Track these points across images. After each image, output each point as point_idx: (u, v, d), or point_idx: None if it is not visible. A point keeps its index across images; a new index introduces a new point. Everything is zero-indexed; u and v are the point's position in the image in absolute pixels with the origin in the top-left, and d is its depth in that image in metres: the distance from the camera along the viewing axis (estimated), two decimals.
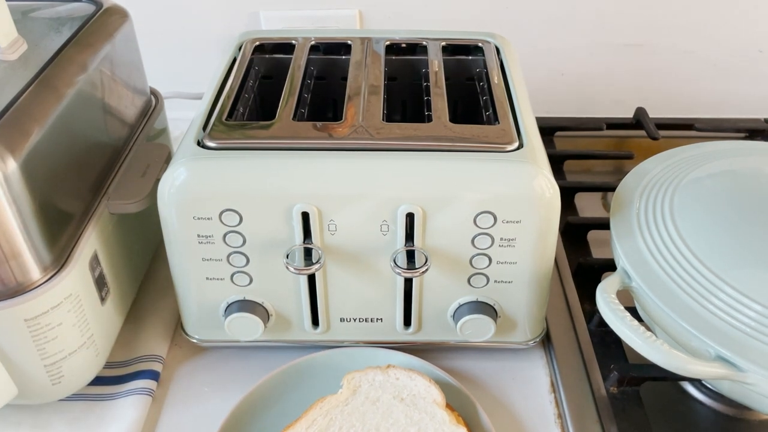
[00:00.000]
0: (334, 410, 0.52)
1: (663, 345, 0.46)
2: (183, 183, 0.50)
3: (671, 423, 0.55)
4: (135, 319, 0.63)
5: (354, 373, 0.54)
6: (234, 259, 0.54)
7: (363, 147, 0.52)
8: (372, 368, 0.55)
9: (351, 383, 0.54)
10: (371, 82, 0.60)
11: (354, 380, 0.54)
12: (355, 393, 0.53)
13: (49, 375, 0.51)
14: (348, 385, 0.53)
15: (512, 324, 0.57)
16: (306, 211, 0.51)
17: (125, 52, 0.63)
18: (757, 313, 0.46)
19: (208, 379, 0.59)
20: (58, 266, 0.50)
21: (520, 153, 0.52)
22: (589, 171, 0.85)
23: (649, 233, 0.54)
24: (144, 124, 0.67)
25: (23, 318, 0.48)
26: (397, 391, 0.53)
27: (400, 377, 0.54)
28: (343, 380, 0.54)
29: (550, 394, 0.58)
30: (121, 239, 0.59)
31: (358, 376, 0.54)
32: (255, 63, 0.66)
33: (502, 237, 0.52)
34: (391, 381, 0.54)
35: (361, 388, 0.53)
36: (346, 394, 0.53)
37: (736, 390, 0.50)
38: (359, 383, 0.54)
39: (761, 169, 0.60)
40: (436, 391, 0.53)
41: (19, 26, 0.56)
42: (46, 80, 0.51)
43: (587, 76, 0.93)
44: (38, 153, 0.47)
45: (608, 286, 0.51)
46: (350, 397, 0.53)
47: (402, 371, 0.54)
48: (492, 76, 0.62)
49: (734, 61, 0.91)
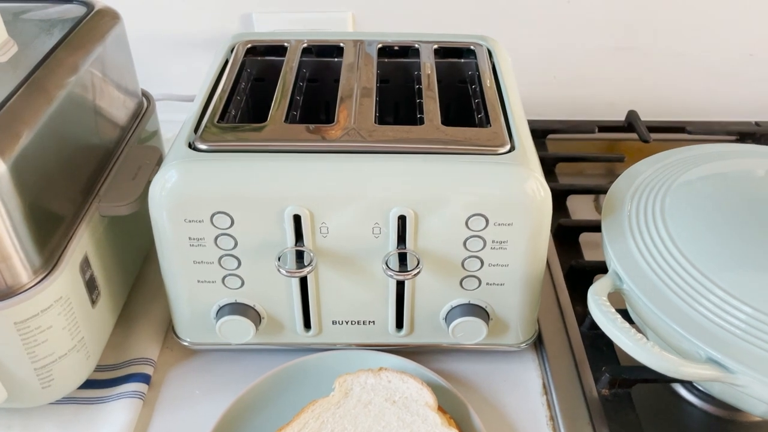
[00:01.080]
0: (325, 413, 0.52)
1: (654, 347, 0.46)
2: (174, 185, 0.50)
3: (662, 425, 0.55)
4: (126, 322, 0.63)
5: (346, 376, 0.54)
6: (225, 261, 0.53)
7: (355, 149, 0.52)
8: (364, 371, 0.55)
9: (343, 386, 0.53)
10: (363, 84, 0.60)
11: (346, 383, 0.54)
12: (347, 396, 0.53)
13: (39, 378, 0.51)
14: (340, 388, 0.53)
15: (504, 326, 0.58)
16: (298, 213, 0.51)
17: (116, 54, 0.63)
18: (748, 315, 0.46)
19: (200, 382, 0.59)
20: (49, 269, 0.49)
21: (512, 156, 0.52)
22: (581, 173, 0.85)
23: (640, 236, 0.54)
24: (135, 127, 0.66)
25: (13, 321, 0.47)
26: (389, 393, 0.53)
27: (392, 380, 0.54)
28: (335, 383, 0.54)
29: (542, 396, 0.58)
30: (112, 242, 0.58)
31: (350, 378, 0.54)
32: (247, 65, 0.66)
33: (493, 239, 0.52)
34: (383, 384, 0.54)
35: (353, 391, 0.53)
36: (338, 396, 0.53)
37: (726, 392, 0.50)
38: (351, 386, 0.53)
39: (752, 172, 0.61)
40: (428, 394, 0.53)
41: (10, 28, 0.56)
42: (37, 82, 0.50)
43: (579, 79, 0.93)
44: (28, 155, 0.47)
45: (599, 288, 0.51)
46: (342, 399, 0.53)
47: (394, 374, 0.54)
48: (484, 79, 0.63)
49: (725, 64, 0.92)
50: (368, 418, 0.51)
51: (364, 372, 0.55)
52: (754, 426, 0.55)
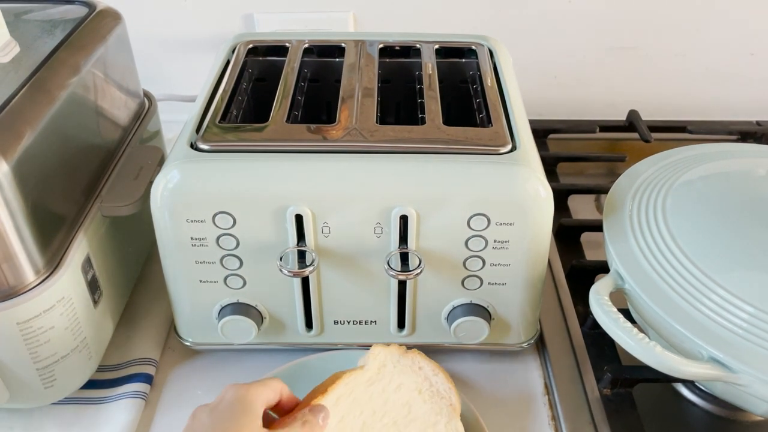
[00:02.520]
0: (358, 388, 0.49)
1: (656, 347, 0.46)
2: (176, 185, 0.50)
3: (664, 424, 0.55)
4: (128, 322, 0.63)
5: (379, 348, 0.52)
6: (227, 261, 0.53)
7: (356, 149, 0.52)
8: (396, 347, 0.52)
9: (377, 359, 0.51)
10: (365, 84, 0.60)
11: (379, 357, 0.51)
12: (380, 373, 0.50)
13: (41, 378, 0.51)
14: (374, 361, 0.51)
15: (506, 326, 0.58)
16: (299, 213, 0.51)
17: (118, 54, 0.63)
18: (749, 314, 0.46)
19: (202, 382, 0.59)
20: (51, 269, 0.49)
21: (514, 155, 0.52)
22: (582, 173, 0.85)
23: (641, 235, 0.54)
24: (137, 127, 0.67)
25: (15, 321, 0.47)
26: (419, 382, 0.51)
27: (423, 367, 0.52)
28: (368, 356, 0.51)
29: (543, 395, 0.58)
30: (114, 242, 0.59)
31: (383, 353, 0.52)
32: (248, 65, 0.66)
33: (495, 239, 0.52)
34: (414, 369, 0.52)
35: (386, 368, 0.51)
36: (371, 371, 0.50)
37: (728, 391, 0.50)
38: (384, 362, 0.51)
39: (753, 172, 0.61)
40: (454, 394, 0.51)
41: (12, 28, 0.56)
42: (39, 83, 0.51)
43: (580, 79, 0.93)
44: (30, 155, 0.47)
45: (601, 288, 0.51)
46: (375, 376, 0.50)
47: (425, 362, 0.52)
48: (485, 79, 0.63)
49: (726, 64, 0.92)
50: (396, 406, 0.49)
51: (397, 348, 0.52)
52: (756, 425, 0.55)
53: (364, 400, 0.49)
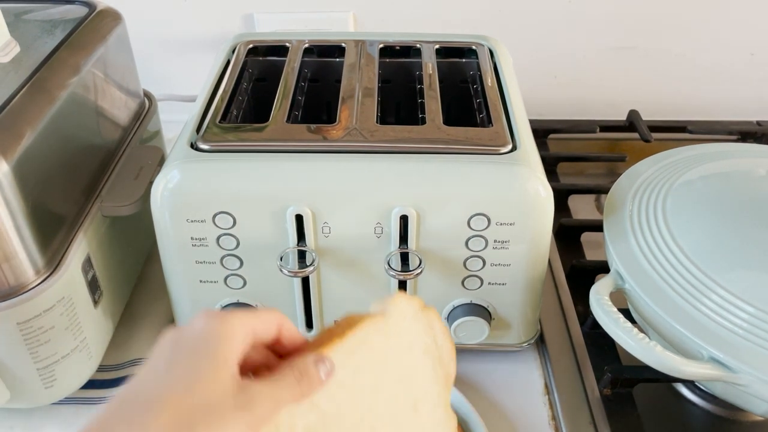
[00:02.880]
0: (374, 336, 0.42)
1: (656, 347, 0.46)
2: (176, 185, 0.50)
3: (664, 424, 0.55)
4: (128, 322, 0.63)
5: (402, 296, 0.45)
6: (227, 261, 0.53)
7: (357, 149, 0.52)
8: (419, 300, 0.45)
9: (399, 310, 0.44)
10: (365, 84, 0.60)
11: (401, 307, 0.44)
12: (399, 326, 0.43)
13: (41, 378, 0.51)
14: (396, 311, 0.43)
15: (506, 326, 0.58)
16: (300, 213, 0.51)
17: (118, 54, 0.63)
18: (750, 314, 0.46)
19: None
20: (51, 269, 0.49)
21: (514, 155, 0.52)
22: (582, 173, 0.85)
23: (642, 235, 0.54)
24: (137, 127, 0.67)
25: (16, 321, 0.47)
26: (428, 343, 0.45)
27: (434, 327, 0.46)
28: (390, 304, 0.44)
29: (543, 395, 0.58)
30: (114, 242, 0.59)
31: (405, 303, 0.44)
32: (249, 65, 0.66)
33: (495, 239, 0.52)
34: (426, 329, 0.45)
35: (405, 322, 0.44)
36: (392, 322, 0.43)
37: (729, 391, 0.50)
38: (404, 314, 0.44)
39: (753, 172, 0.61)
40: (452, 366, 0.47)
41: (12, 28, 0.56)
42: (39, 83, 0.51)
43: (580, 79, 0.93)
44: (31, 155, 0.47)
45: (601, 287, 0.51)
46: (394, 328, 0.43)
47: (439, 324, 0.46)
48: (485, 79, 0.63)
49: (726, 64, 0.92)
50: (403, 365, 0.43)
51: (418, 301, 0.45)
52: (757, 425, 0.55)
53: (380, 353, 0.42)
